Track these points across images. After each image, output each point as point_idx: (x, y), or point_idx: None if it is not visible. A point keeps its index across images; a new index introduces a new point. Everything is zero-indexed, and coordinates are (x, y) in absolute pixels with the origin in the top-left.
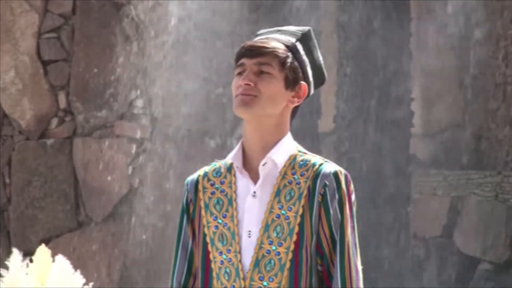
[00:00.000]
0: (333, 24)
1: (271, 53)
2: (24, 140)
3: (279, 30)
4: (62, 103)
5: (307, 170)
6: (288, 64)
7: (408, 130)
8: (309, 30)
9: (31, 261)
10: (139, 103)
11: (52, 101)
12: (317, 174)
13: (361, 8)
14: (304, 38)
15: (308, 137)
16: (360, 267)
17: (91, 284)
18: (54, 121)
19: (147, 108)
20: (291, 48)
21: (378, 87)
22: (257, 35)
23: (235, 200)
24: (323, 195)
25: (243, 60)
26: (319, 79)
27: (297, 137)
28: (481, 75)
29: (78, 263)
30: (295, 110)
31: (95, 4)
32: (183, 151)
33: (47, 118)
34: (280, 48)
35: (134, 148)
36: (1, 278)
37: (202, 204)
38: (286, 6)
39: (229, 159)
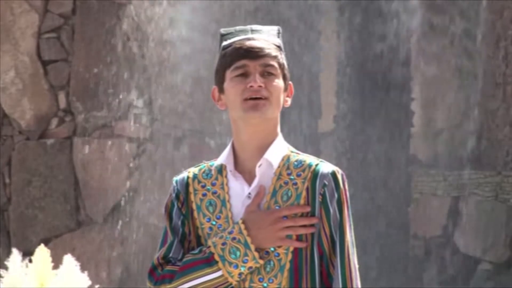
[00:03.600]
0: (333, 24)
1: (272, 54)
2: (24, 140)
3: (253, 30)
4: (62, 103)
5: (303, 171)
6: (284, 64)
7: (408, 130)
8: (279, 29)
9: (30, 261)
10: (139, 103)
11: (52, 101)
12: (315, 175)
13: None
14: (281, 37)
15: (308, 137)
16: (357, 266)
17: (90, 283)
18: (54, 121)
19: (147, 108)
20: (280, 48)
21: (378, 87)
22: (224, 35)
23: (228, 201)
24: (323, 195)
25: (244, 62)
26: None
27: (297, 137)
28: (481, 75)
29: (78, 263)
30: None
31: (95, 4)
32: (183, 151)
33: (47, 118)
34: (276, 49)
35: (134, 148)
36: (1, 279)
37: (193, 206)
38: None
39: (220, 161)
